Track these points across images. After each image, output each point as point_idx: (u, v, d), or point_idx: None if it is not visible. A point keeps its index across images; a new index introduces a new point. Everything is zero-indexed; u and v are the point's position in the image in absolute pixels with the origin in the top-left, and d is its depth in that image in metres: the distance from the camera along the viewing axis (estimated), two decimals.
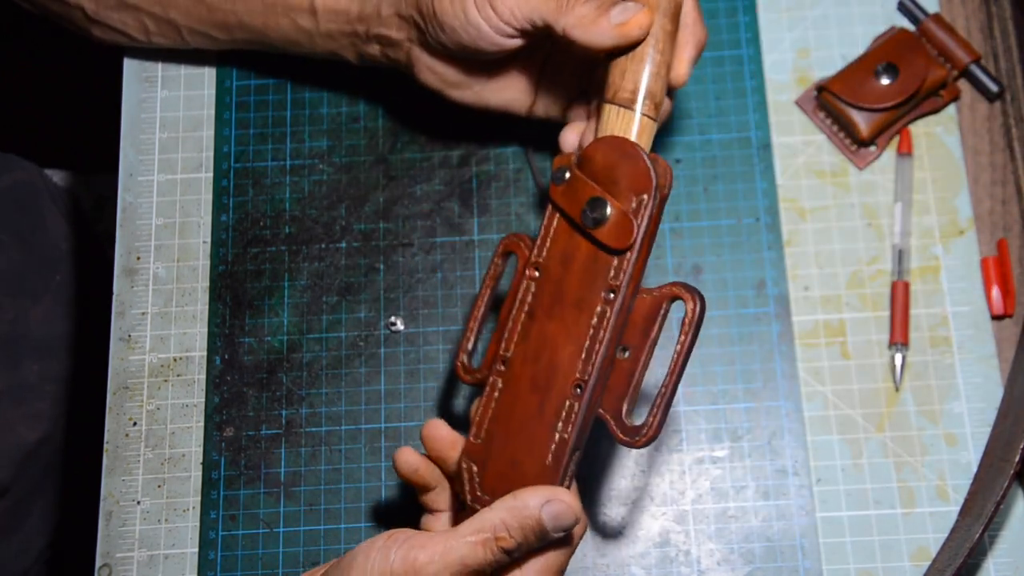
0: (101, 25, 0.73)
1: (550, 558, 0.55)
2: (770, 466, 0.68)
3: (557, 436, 0.55)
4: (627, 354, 0.55)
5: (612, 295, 0.55)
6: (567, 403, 0.55)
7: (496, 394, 0.57)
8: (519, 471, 0.56)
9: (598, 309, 0.55)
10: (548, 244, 0.58)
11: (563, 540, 0.55)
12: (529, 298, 0.58)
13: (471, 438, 0.57)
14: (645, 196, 0.55)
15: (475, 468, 0.57)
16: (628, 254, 0.55)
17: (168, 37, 0.73)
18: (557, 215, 0.58)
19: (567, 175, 0.57)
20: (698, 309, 0.54)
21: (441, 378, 0.71)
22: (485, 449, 0.57)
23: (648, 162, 0.55)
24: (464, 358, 0.60)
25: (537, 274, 0.58)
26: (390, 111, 0.76)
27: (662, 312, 0.55)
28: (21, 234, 0.92)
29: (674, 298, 0.55)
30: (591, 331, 0.55)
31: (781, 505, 0.67)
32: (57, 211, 0.96)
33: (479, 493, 0.56)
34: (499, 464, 0.56)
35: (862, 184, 0.73)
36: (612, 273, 0.55)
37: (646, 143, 0.57)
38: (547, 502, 0.52)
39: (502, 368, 0.58)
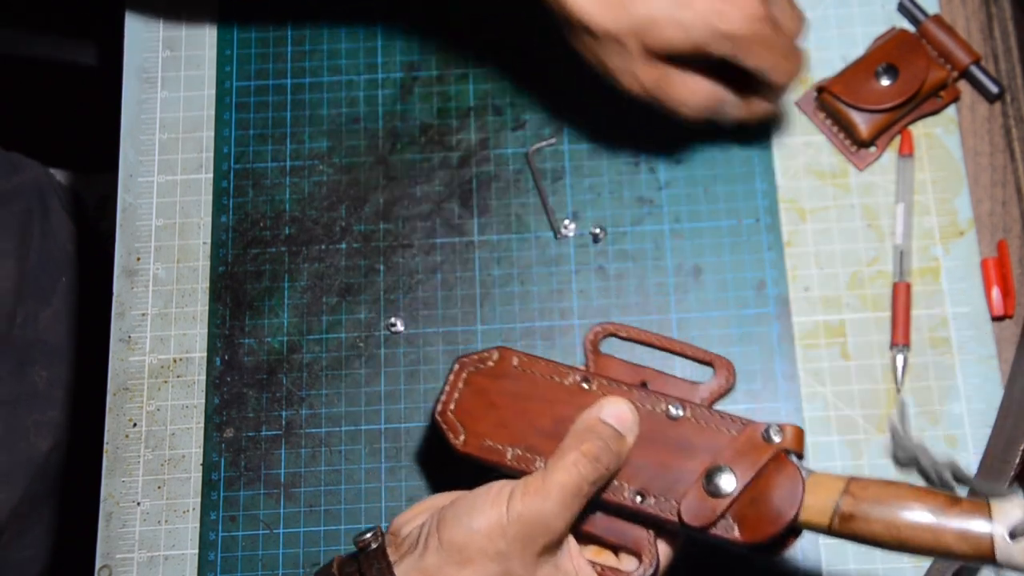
0: None
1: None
2: None
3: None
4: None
5: (649, 499, 0.57)
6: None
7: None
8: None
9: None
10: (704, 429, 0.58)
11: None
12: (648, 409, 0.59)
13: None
14: (739, 532, 0.55)
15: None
16: (686, 523, 0.56)
17: None
18: (734, 426, 0.58)
19: (774, 435, 0.56)
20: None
21: (440, 379, 0.71)
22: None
23: (779, 532, 0.54)
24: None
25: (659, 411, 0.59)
26: (390, 112, 0.76)
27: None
28: (31, 235, 0.92)
29: None
30: (632, 501, 0.57)
31: None
32: (63, 211, 0.96)
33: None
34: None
35: (862, 185, 0.73)
36: (661, 504, 0.57)
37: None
38: (600, 408, 0.57)
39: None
